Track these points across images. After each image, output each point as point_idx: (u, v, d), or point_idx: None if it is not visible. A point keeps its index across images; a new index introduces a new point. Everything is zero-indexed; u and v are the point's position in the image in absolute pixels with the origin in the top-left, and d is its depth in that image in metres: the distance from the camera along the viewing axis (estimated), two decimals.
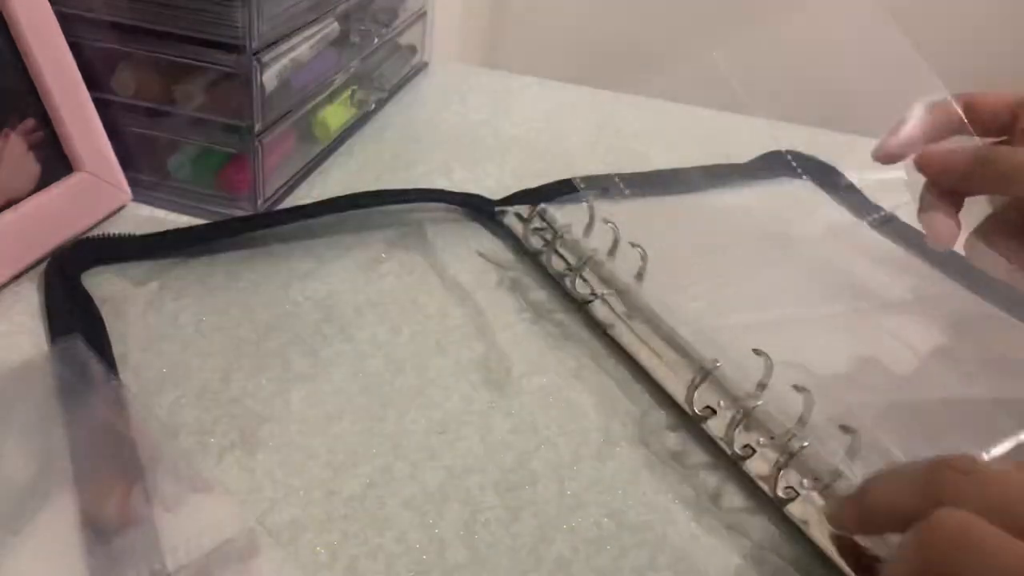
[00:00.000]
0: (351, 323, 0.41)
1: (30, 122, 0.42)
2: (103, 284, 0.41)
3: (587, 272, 0.44)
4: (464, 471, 0.33)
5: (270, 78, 0.45)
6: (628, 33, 1.43)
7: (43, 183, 0.42)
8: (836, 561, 0.30)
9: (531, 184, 0.53)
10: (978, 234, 0.39)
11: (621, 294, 0.43)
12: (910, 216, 0.52)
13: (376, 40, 0.58)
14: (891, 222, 0.52)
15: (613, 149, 0.61)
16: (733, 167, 0.58)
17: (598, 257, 0.44)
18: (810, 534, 0.31)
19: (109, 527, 0.28)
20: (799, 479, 0.33)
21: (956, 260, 0.46)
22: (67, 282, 0.40)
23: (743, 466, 0.34)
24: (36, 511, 0.29)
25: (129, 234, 0.44)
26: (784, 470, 0.32)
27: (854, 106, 0.51)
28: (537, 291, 0.45)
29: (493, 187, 0.53)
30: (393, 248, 0.47)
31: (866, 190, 0.56)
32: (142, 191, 0.48)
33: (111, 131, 0.46)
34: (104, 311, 0.39)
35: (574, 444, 0.35)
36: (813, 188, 0.57)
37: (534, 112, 0.65)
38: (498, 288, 0.45)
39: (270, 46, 0.45)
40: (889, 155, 0.41)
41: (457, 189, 0.52)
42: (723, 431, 0.35)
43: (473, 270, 0.46)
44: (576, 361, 0.40)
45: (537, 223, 0.47)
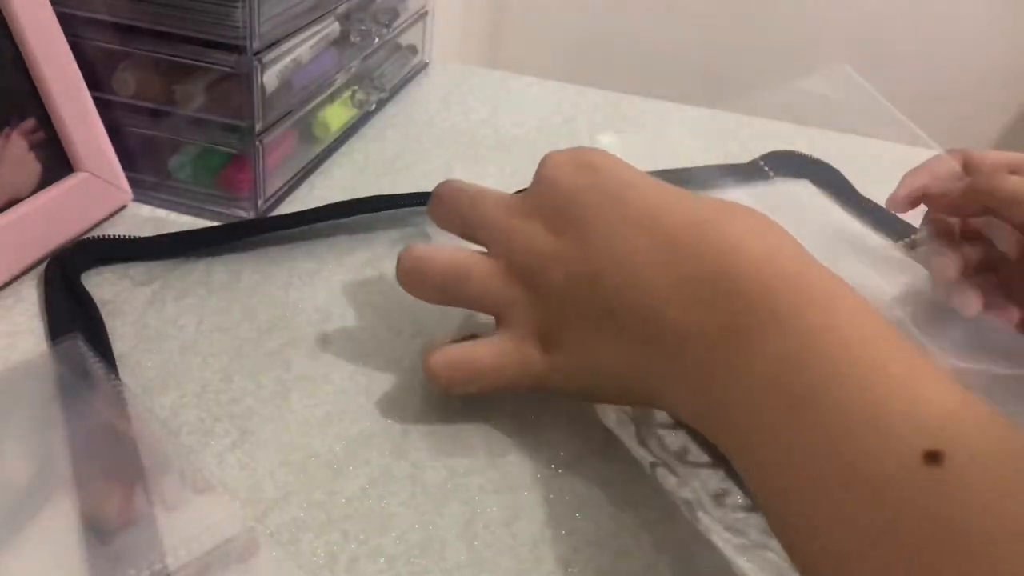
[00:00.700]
0: (352, 323, 0.41)
1: (30, 122, 0.42)
2: (103, 284, 0.41)
3: None
4: (465, 471, 0.33)
5: (271, 78, 0.45)
6: (628, 33, 1.43)
7: (44, 183, 0.42)
8: None
9: None
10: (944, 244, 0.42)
11: None
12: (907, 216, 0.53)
13: (377, 40, 0.58)
14: (889, 222, 0.52)
15: (613, 149, 0.61)
16: (732, 167, 0.58)
17: None
18: None
19: (110, 527, 0.28)
20: None
21: None
22: (67, 282, 0.40)
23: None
24: (36, 511, 0.29)
25: (128, 235, 0.44)
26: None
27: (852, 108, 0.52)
28: None
29: (494, 187, 0.52)
30: (394, 248, 0.47)
31: (865, 192, 0.56)
32: (143, 191, 0.48)
33: (112, 131, 0.46)
34: (104, 311, 0.39)
35: (575, 443, 0.35)
36: (812, 188, 0.57)
37: (534, 112, 0.65)
38: None
39: (271, 46, 0.45)
40: (897, 203, 0.44)
41: None
42: None
43: None
44: None
45: None
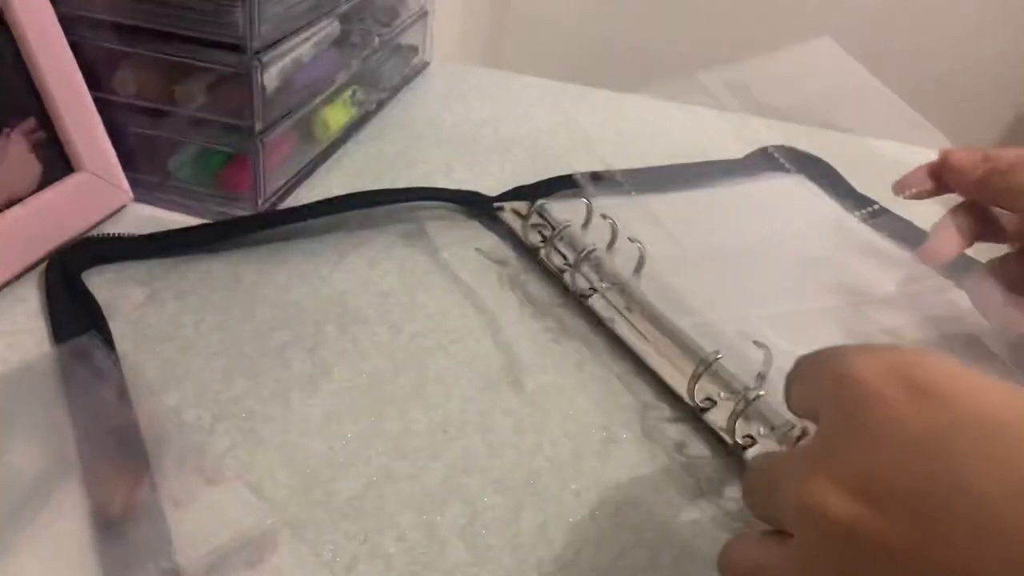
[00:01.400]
0: (352, 322, 0.41)
1: (31, 122, 0.42)
2: (104, 283, 0.41)
3: (586, 267, 0.44)
4: (465, 470, 0.33)
5: (271, 78, 0.45)
6: (628, 33, 1.43)
7: (44, 183, 0.42)
8: None
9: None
10: (983, 273, 0.41)
11: (620, 288, 0.43)
12: (901, 211, 0.53)
13: (377, 40, 0.58)
14: (883, 216, 0.53)
15: (613, 148, 0.61)
16: (729, 163, 0.58)
17: (597, 252, 0.44)
18: None
19: (119, 521, 0.28)
20: None
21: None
22: (68, 281, 0.40)
23: (745, 456, 0.34)
24: (45, 507, 0.29)
25: (129, 234, 0.44)
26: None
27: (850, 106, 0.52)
28: (537, 287, 0.45)
29: (494, 186, 0.53)
30: (394, 247, 0.47)
31: (858, 186, 0.57)
32: (143, 191, 0.48)
33: (112, 131, 0.46)
34: (105, 310, 0.39)
35: (575, 441, 0.35)
36: (807, 183, 0.57)
37: (534, 112, 0.65)
38: (498, 285, 0.45)
39: (271, 46, 0.45)
40: (903, 185, 0.44)
41: (457, 188, 0.52)
42: (724, 422, 0.35)
43: (473, 267, 0.46)
44: (577, 355, 0.40)
45: (536, 219, 0.47)
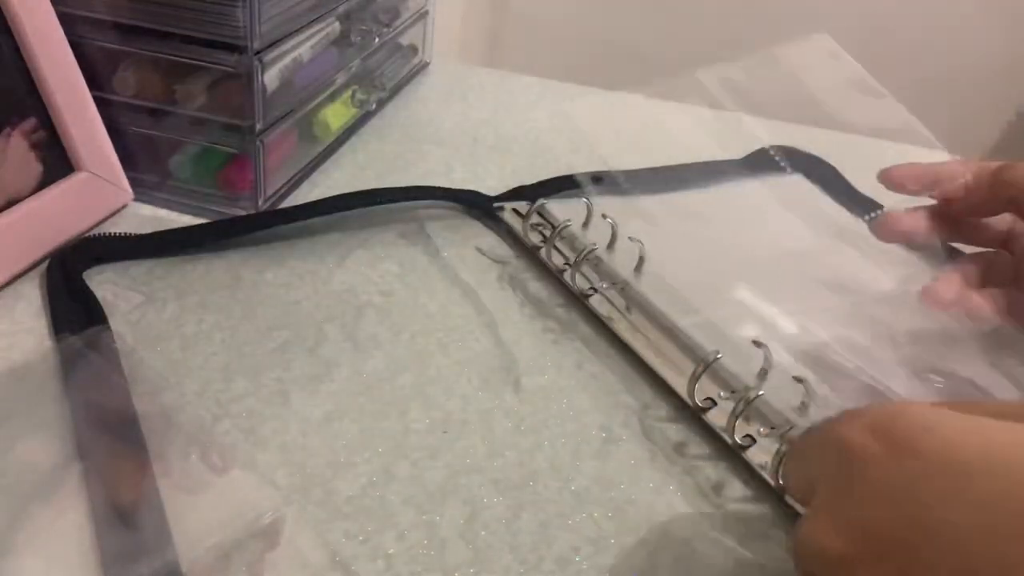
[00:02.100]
0: (352, 322, 0.41)
1: (31, 122, 0.42)
2: (104, 283, 0.41)
3: (586, 267, 0.44)
4: (465, 470, 0.33)
5: (271, 78, 0.45)
6: (628, 33, 1.43)
7: (45, 182, 0.43)
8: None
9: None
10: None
11: (620, 288, 0.43)
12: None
13: (377, 40, 0.58)
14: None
15: (613, 148, 0.61)
16: (730, 163, 0.58)
17: (597, 252, 0.44)
18: None
19: (124, 514, 0.29)
20: None
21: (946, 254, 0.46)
22: (69, 281, 0.40)
23: (744, 456, 0.34)
24: (47, 504, 0.29)
25: (130, 233, 0.44)
26: (785, 459, 0.33)
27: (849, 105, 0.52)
28: (537, 286, 0.45)
29: (494, 186, 0.53)
30: (394, 246, 0.47)
31: (859, 186, 0.57)
32: (143, 191, 0.48)
33: (112, 131, 0.46)
34: (106, 310, 0.39)
35: (575, 440, 0.35)
36: (807, 183, 0.57)
37: (534, 112, 0.65)
38: (498, 284, 0.45)
39: (271, 46, 0.45)
40: (890, 178, 0.42)
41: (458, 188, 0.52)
42: (724, 422, 0.35)
43: (473, 267, 0.46)
44: (577, 355, 0.40)
45: (536, 219, 0.47)
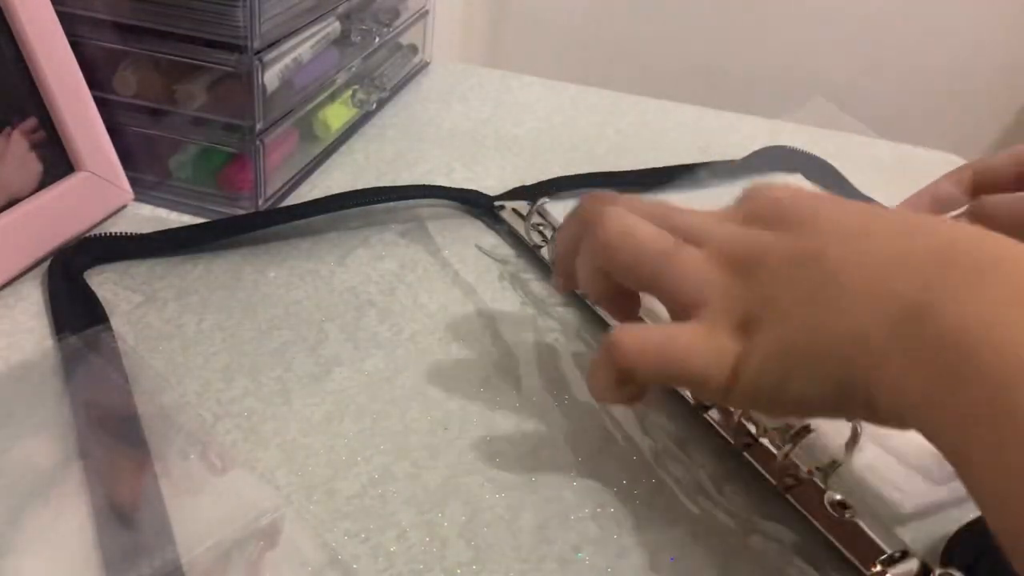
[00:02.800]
0: (352, 321, 0.41)
1: (32, 121, 0.42)
2: (105, 283, 0.41)
3: None
4: (466, 469, 0.33)
5: (271, 78, 0.45)
6: (628, 33, 1.43)
7: (45, 182, 0.43)
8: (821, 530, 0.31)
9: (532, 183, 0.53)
10: None
11: None
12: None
13: (377, 40, 0.58)
14: None
15: (613, 149, 0.61)
16: (729, 163, 0.58)
17: None
18: (813, 520, 0.32)
19: (125, 514, 0.29)
20: (802, 467, 0.33)
21: None
22: (69, 281, 0.40)
23: (745, 454, 0.34)
24: (47, 504, 0.29)
25: (131, 233, 0.44)
26: (787, 458, 0.32)
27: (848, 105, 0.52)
28: (537, 286, 0.45)
29: (494, 186, 0.53)
30: (394, 245, 0.47)
31: (859, 186, 0.57)
32: (143, 190, 0.48)
33: (112, 130, 0.46)
34: (106, 309, 0.39)
35: (576, 440, 0.35)
36: (806, 183, 0.57)
37: (535, 112, 0.65)
38: (499, 283, 0.45)
39: (271, 45, 0.45)
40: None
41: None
42: (725, 420, 0.35)
43: (474, 266, 0.46)
44: (577, 354, 0.40)
45: (536, 219, 0.47)
